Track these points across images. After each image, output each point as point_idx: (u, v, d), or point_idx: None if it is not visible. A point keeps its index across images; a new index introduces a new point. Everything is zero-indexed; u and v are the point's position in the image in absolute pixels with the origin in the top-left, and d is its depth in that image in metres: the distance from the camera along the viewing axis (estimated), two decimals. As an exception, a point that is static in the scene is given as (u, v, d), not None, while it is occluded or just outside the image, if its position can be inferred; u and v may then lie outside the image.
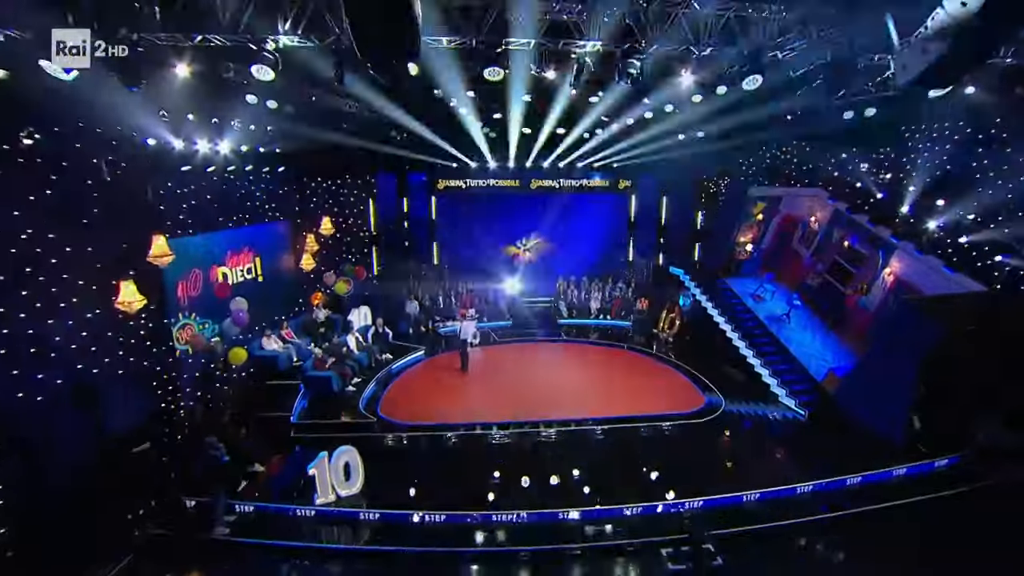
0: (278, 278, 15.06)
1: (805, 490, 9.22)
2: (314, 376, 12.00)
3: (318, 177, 16.68)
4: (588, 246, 20.66)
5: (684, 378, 13.80)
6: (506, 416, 11.54)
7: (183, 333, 11.18)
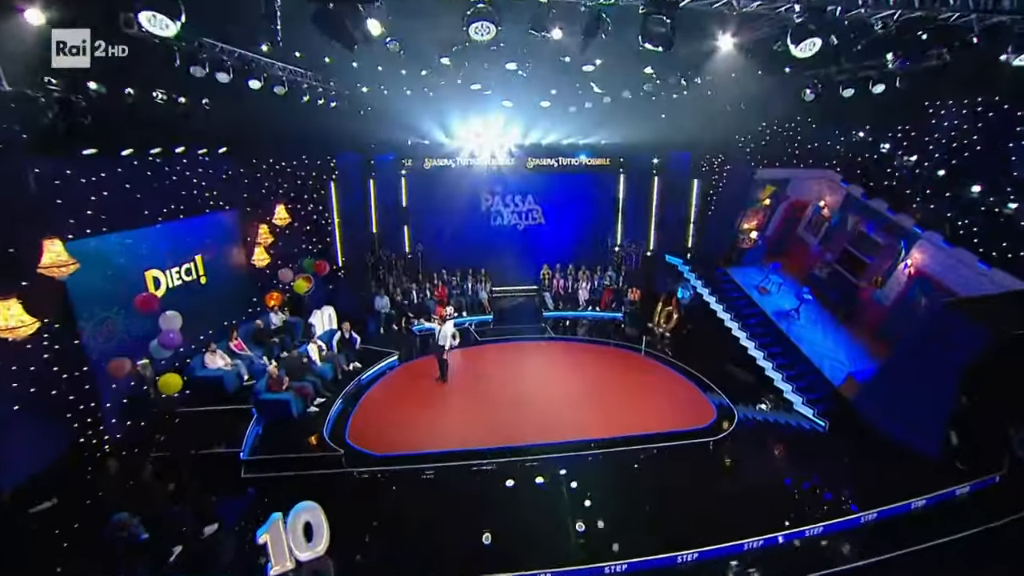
0: (225, 278, 12.90)
1: (869, 518, 7.99)
2: (268, 400, 10.08)
3: (269, 159, 14.35)
4: (573, 231, 18.88)
5: (685, 380, 12.41)
6: (497, 437, 9.95)
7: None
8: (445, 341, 11.96)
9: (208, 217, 12.41)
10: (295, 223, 14.95)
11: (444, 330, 12.07)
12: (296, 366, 11.06)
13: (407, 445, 9.80)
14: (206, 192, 12.26)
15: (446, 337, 12.71)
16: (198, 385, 10.40)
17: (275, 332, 12.54)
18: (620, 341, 14.71)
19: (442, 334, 12.60)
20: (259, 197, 14.02)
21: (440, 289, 16.26)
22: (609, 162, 18.16)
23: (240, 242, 13.52)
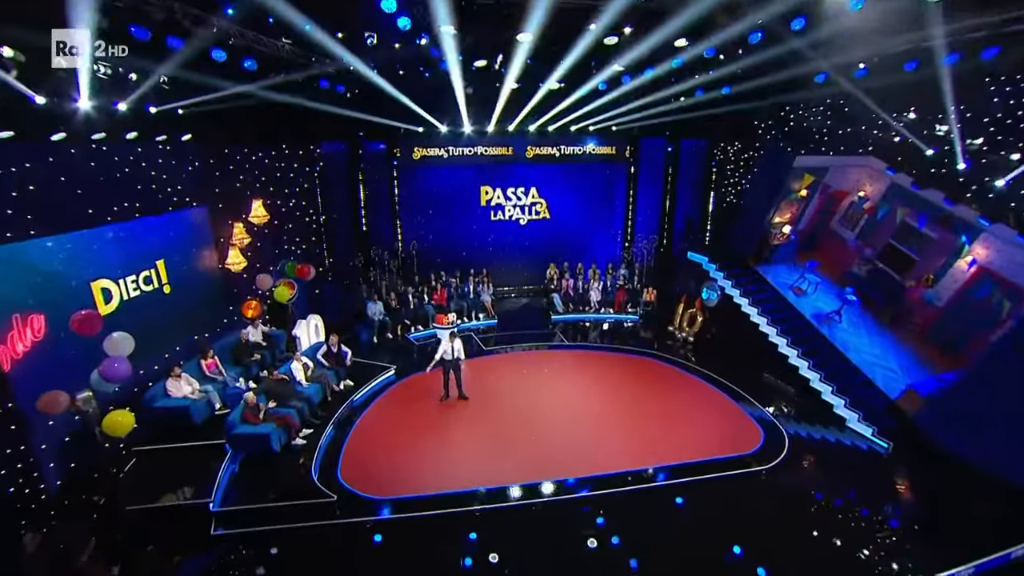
0: (194, 286, 11.03)
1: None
2: (245, 434, 8.34)
3: (244, 148, 12.47)
4: (580, 226, 17.29)
5: (720, 393, 10.91)
6: (517, 469, 8.36)
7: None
8: (447, 352, 10.27)
9: (171, 216, 10.53)
10: (275, 221, 13.10)
11: (445, 343, 10.28)
12: (278, 390, 9.32)
13: (412, 484, 8.15)
14: (168, 187, 10.38)
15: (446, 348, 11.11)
16: (159, 418, 8.63)
17: (254, 348, 10.75)
18: (644, 348, 13.15)
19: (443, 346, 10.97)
20: (232, 192, 12.14)
21: (439, 292, 14.56)
22: (615, 151, 16.56)
23: (211, 244, 11.65)
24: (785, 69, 10.41)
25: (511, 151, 16.08)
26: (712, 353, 12.55)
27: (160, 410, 8.61)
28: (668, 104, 13.32)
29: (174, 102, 9.27)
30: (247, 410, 8.51)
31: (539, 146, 16.17)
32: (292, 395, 9.42)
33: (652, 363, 12.45)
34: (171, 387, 8.79)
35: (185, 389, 8.91)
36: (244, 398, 8.60)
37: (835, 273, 13.08)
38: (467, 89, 12.67)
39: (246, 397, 8.59)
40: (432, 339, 13.56)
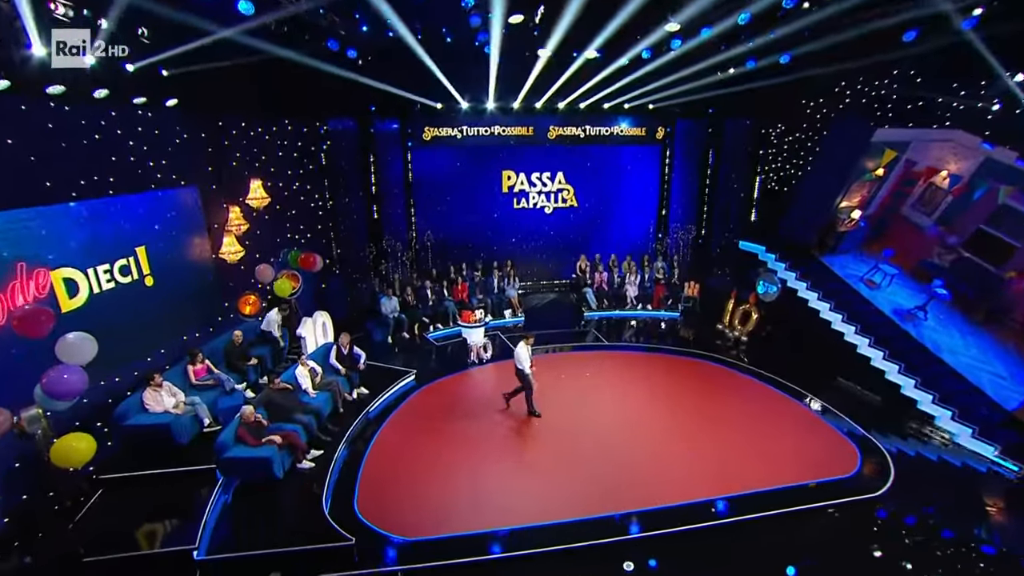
0: (182, 278, 9.35)
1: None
2: (240, 459, 6.64)
3: (241, 122, 10.77)
4: (611, 214, 15.64)
5: (792, 400, 9.24)
6: (570, 501, 6.68)
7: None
8: (524, 364, 8.50)
9: (155, 196, 8.85)
10: (276, 205, 11.42)
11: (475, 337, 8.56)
12: (281, 401, 7.63)
13: (446, 519, 6.47)
14: (150, 160, 8.68)
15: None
16: (134, 438, 6.94)
17: (248, 350, 9.06)
18: (691, 349, 11.46)
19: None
20: (227, 171, 10.45)
21: (460, 287, 12.88)
22: (645, 132, 14.85)
23: (203, 230, 9.95)
24: (866, 24, 8.74)
25: (532, 131, 14.35)
26: (771, 354, 10.86)
27: (135, 428, 6.92)
28: (715, 76, 11.61)
29: (156, 54, 7.56)
30: (243, 428, 6.82)
31: (563, 126, 14.45)
32: (297, 407, 7.73)
33: (706, 366, 10.77)
34: (149, 399, 7.10)
35: (167, 402, 7.21)
36: (240, 413, 6.91)
37: (907, 264, 11.41)
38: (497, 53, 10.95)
39: (243, 412, 6.90)
40: (457, 338, 11.89)
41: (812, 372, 9.99)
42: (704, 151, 14.82)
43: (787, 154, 12.75)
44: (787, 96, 12.36)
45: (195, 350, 8.29)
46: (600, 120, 14.50)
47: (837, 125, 10.54)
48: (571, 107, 13.63)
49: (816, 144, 11.52)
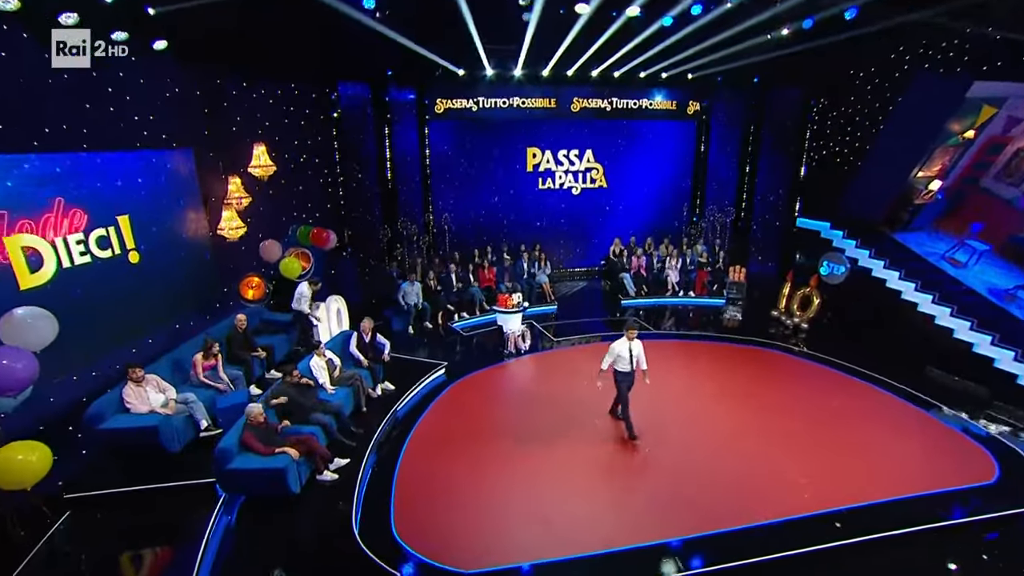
0: (174, 255, 7.86)
1: None
2: (246, 472, 5.17)
3: (242, 82, 9.30)
4: (643, 195, 14.28)
5: (888, 395, 7.87)
6: (669, 520, 5.27)
7: None
8: (638, 362, 6.45)
9: (141, 156, 7.37)
10: (282, 179, 9.94)
11: (633, 349, 6.37)
12: (298, 399, 6.16)
13: (504, 542, 5.03)
14: (135, 114, 7.20)
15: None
16: (111, 446, 5.47)
17: (252, 337, 7.58)
18: (749, 337, 10.09)
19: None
20: (227, 135, 8.98)
21: (487, 271, 11.44)
22: (676, 106, 13.46)
23: (198, 201, 8.46)
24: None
25: (554, 103, 12.90)
26: (840, 342, 9.49)
27: (113, 433, 5.44)
28: (764, 37, 10.19)
29: None
30: (250, 431, 5.34)
31: (588, 98, 13.03)
32: (317, 406, 6.27)
33: (772, 355, 9.41)
34: (131, 397, 5.61)
35: (154, 399, 5.73)
36: (246, 413, 5.44)
37: (995, 240, 10.03)
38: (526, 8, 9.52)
39: (249, 412, 5.42)
40: (484, 328, 10.47)
41: (895, 360, 8.63)
42: (745, 126, 13.48)
43: (844, 124, 11.34)
44: (843, 61, 11.04)
45: (212, 340, 6.77)
46: (629, 92, 13.12)
47: (920, 81, 9.19)
48: (603, 76, 12.23)
49: (880, 111, 10.16)
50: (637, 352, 6.31)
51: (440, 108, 12.38)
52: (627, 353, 6.27)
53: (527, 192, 13.67)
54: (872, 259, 9.65)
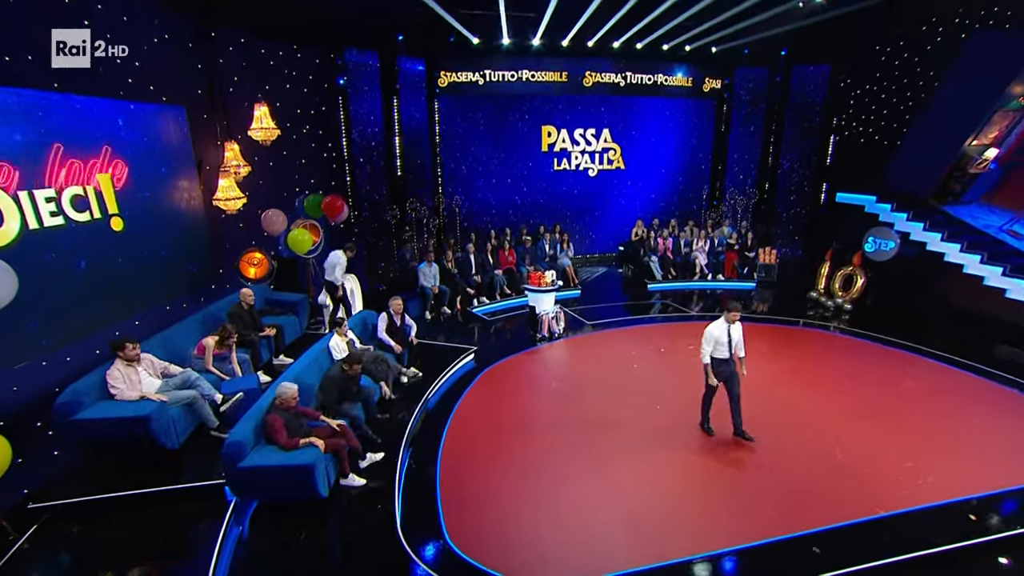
0: (163, 224, 6.73)
1: None
2: (266, 468, 4.09)
3: (240, 38, 8.20)
4: (663, 176, 13.46)
5: (964, 373, 7.08)
6: (757, 516, 4.33)
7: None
8: (736, 349, 5.34)
9: (125, 108, 6.22)
10: (283, 151, 8.83)
11: (732, 335, 5.28)
12: (345, 383, 5.06)
13: (585, 550, 4.04)
14: (117, 56, 6.06)
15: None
16: (90, 440, 4.33)
17: (258, 316, 6.46)
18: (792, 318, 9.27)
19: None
20: (224, 94, 7.87)
21: (508, 252, 10.44)
22: (692, 83, 12.71)
23: (191, 166, 7.34)
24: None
25: (565, 77, 12.02)
26: (892, 321, 8.70)
27: (92, 425, 4.29)
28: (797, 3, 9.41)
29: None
30: (276, 415, 4.25)
31: (601, 72, 12.18)
32: (356, 393, 5.19)
33: (823, 335, 8.59)
34: (117, 379, 4.48)
35: (147, 385, 4.61)
36: (279, 392, 4.34)
37: None
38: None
39: (282, 390, 4.33)
40: (514, 311, 9.50)
41: (959, 338, 7.86)
42: (769, 103, 12.74)
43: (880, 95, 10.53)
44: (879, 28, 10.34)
45: (231, 327, 5.64)
46: (644, 66, 12.30)
47: (979, 40, 8.50)
48: (624, 48, 11.37)
49: (927, 78, 9.44)
50: (737, 337, 5.26)
51: (444, 81, 11.41)
52: (726, 338, 5.24)
53: (542, 174, 12.74)
54: (927, 232, 8.89)
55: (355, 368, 5.06)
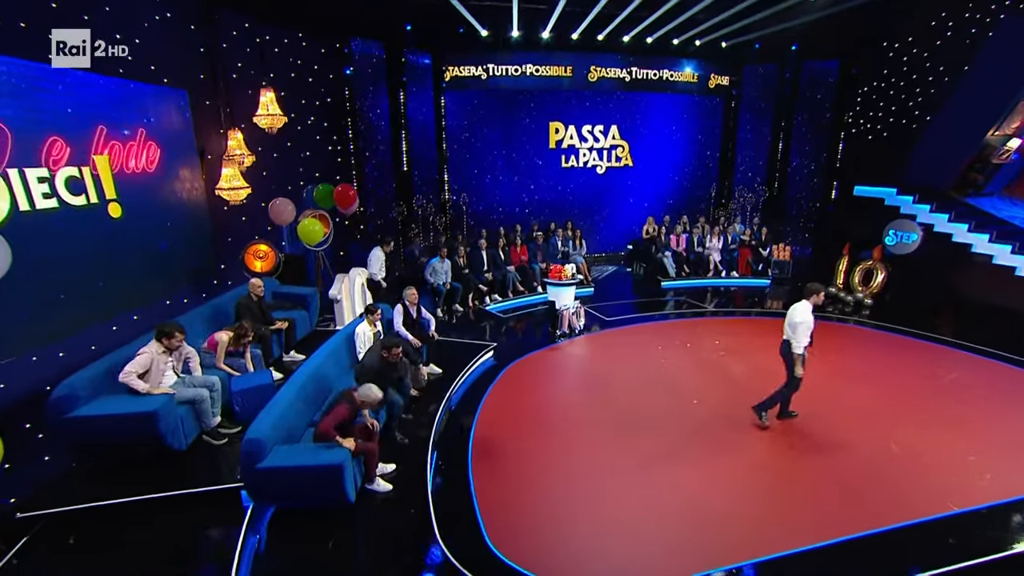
0: (166, 216, 6.28)
1: None
2: (292, 470, 3.63)
3: (244, 23, 7.79)
4: (671, 174, 13.20)
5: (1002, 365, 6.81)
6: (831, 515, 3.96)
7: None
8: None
9: (124, 87, 5.78)
10: (288, 142, 8.42)
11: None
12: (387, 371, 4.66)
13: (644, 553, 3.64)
14: (116, 31, 5.64)
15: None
16: (87, 441, 3.86)
17: (267, 310, 6.01)
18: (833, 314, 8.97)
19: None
20: (226, 80, 7.45)
21: (519, 249, 10.06)
22: (696, 79, 12.50)
23: (193, 154, 6.90)
24: None
25: (570, 72, 11.75)
26: (918, 314, 8.43)
27: (91, 423, 3.81)
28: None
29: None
30: (347, 407, 3.82)
31: (606, 67, 11.92)
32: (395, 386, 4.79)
33: (850, 329, 8.30)
34: (139, 367, 3.98)
35: (167, 381, 4.15)
36: (365, 394, 3.90)
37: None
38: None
39: (369, 394, 3.90)
40: (528, 309, 9.12)
41: (994, 330, 7.58)
42: (779, 99, 12.56)
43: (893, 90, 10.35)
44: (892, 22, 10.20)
45: (248, 325, 5.16)
46: (650, 62, 12.08)
47: (1005, 28, 8.34)
48: (634, 42, 11.13)
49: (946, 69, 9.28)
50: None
51: (449, 76, 11.10)
52: (812, 322, 5.01)
53: (550, 171, 12.41)
54: (952, 223, 8.68)
55: (395, 352, 4.66)
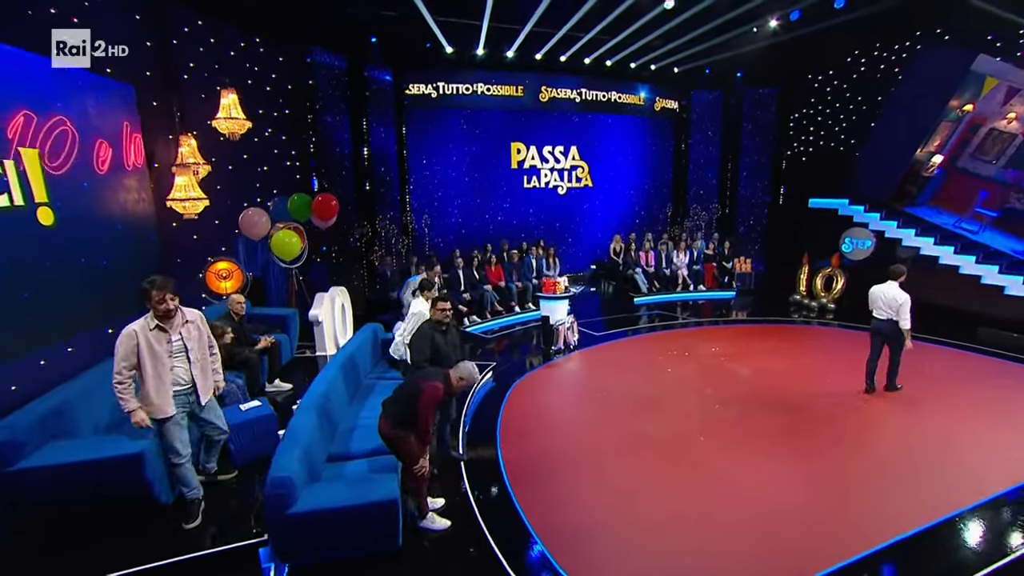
0: (107, 229, 5.25)
1: None
2: (335, 513, 2.85)
3: (197, 20, 6.96)
4: (630, 194, 13.44)
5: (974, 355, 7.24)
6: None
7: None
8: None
9: (58, 71, 4.83)
10: (244, 153, 7.53)
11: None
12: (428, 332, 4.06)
13: None
14: (51, 7, 4.73)
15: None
16: (45, 499, 2.86)
17: (247, 333, 5.10)
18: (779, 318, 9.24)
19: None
20: (175, 80, 6.56)
21: (494, 268, 9.61)
22: (643, 100, 12.95)
23: (141, 160, 5.91)
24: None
25: (521, 91, 11.73)
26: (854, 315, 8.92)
27: (43, 476, 2.82)
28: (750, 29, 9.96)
29: None
30: (437, 388, 3.06)
31: (557, 87, 12.03)
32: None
33: (825, 331, 8.57)
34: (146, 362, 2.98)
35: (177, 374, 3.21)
36: (465, 372, 3.32)
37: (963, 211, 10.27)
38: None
39: (471, 373, 3.34)
40: (510, 329, 8.60)
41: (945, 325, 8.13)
42: (726, 122, 13.28)
43: (832, 112, 11.27)
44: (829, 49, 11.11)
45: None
46: (600, 83, 12.34)
47: (924, 57, 9.32)
48: (590, 64, 11.37)
49: (877, 92, 10.24)
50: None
51: (407, 92, 10.71)
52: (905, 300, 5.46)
53: (512, 192, 12.18)
54: (901, 229, 9.38)
55: (446, 309, 4.06)
